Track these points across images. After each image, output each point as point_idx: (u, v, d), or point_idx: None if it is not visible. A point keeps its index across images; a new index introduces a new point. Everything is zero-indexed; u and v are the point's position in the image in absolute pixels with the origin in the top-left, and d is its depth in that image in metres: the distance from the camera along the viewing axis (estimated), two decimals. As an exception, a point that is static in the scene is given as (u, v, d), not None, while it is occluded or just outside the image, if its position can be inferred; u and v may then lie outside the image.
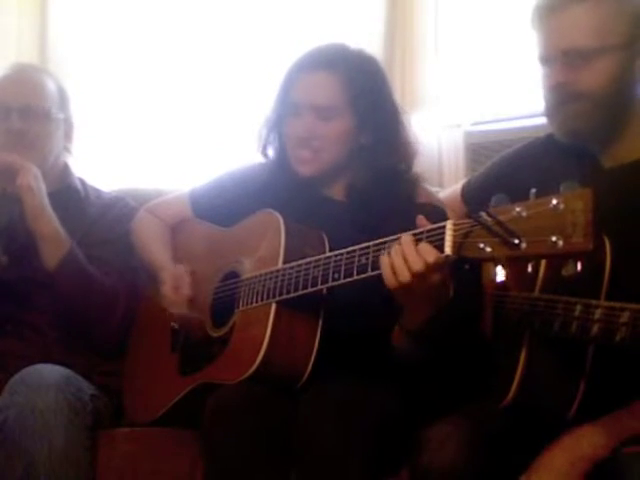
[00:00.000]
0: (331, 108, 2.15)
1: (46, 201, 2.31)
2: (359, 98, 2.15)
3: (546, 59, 1.97)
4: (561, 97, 1.94)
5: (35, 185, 2.29)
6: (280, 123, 2.23)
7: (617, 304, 1.66)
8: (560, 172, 1.79)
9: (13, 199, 2.33)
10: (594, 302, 1.68)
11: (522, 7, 2.95)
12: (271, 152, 2.29)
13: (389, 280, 1.71)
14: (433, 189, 2.53)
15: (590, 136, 1.96)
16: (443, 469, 1.72)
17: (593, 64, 1.91)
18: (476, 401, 1.87)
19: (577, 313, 1.70)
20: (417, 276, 1.67)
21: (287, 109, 2.20)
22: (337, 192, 2.23)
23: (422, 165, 2.30)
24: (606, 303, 1.68)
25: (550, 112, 1.99)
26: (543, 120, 2.06)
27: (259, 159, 2.35)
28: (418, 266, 1.66)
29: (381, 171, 2.17)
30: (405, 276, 1.68)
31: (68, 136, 2.51)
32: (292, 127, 2.19)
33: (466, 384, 1.93)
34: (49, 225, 2.30)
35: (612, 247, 1.75)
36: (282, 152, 2.25)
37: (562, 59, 1.92)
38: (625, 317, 1.63)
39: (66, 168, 2.52)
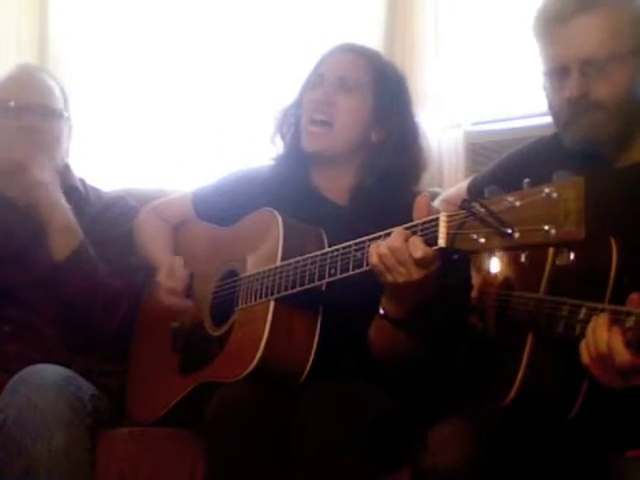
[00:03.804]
0: (355, 81, 2.19)
1: (60, 193, 2.32)
2: (383, 86, 2.20)
3: (558, 71, 1.92)
4: (577, 109, 1.90)
5: (49, 178, 2.30)
6: (302, 100, 2.24)
7: (623, 308, 1.62)
8: (569, 169, 1.77)
9: (9, 201, 2.35)
10: (600, 305, 1.65)
11: (522, 7, 2.96)
12: (281, 144, 2.30)
13: (377, 269, 1.73)
14: (433, 189, 2.53)
15: (604, 143, 1.94)
16: (445, 469, 1.72)
17: (608, 74, 1.88)
18: (478, 401, 1.87)
19: (582, 316, 1.67)
20: (404, 268, 1.69)
21: (312, 81, 2.23)
22: (339, 195, 2.24)
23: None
24: (612, 307, 1.64)
25: (564, 124, 1.95)
26: (543, 120, 2.05)
27: (261, 160, 2.36)
28: (404, 259, 1.67)
29: (387, 173, 2.18)
30: (391, 269, 1.70)
31: (68, 136, 2.52)
32: (312, 94, 2.21)
33: (467, 383, 1.93)
34: (64, 216, 2.30)
35: (619, 247, 1.72)
36: (296, 132, 2.25)
37: (578, 70, 1.88)
38: (631, 321, 1.58)
39: (67, 168, 2.52)
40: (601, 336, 1.58)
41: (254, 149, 2.92)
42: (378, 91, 2.20)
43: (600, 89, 1.89)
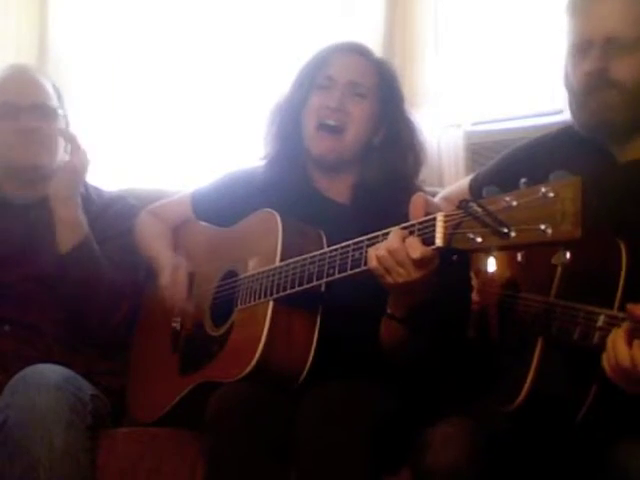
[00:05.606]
0: (366, 87, 2.20)
1: (77, 190, 2.36)
2: (386, 89, 2.22)
3: (583, 45, 1.91)
4: (594, 83, 1.89)
5: (81, 170, 2.36)
6: (303, 101, 2.23)
7: None
8: (574, 166, 1.76)
9: (5, 200, 2.37)
10: (620, 314, 1.62)
11: (522, 7, 2.96)
12: (276, 144, 2.30)
13: (376, 272, 1.73)
14: (433, 189, 2.53)
15: (615, 128, 1.92)
16: (446, 470, 1.72)
17: (631, 55, 1.87)
18: (479, 402, 1.86)
19: (600, 323, 1.64)
20: (403, 269, 1.69)
21: (318, 83, 2.22)
22: (340, 194, 2.24)
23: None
24: (633, 315, 1.59)
25: (580, 100, 1.94)
26: (543, 120, 2.04)
27: (260, 161, 2.35)
28: (403, 260, 1.68)
29: (388, 173, 2.19)
30: (391, 270, 1.70)
31: None
32: (323, 98, 2.21)
33: (469, 384, 1.92)
34: (71, 211, 2.31)
35: (628, 250, 1.70)
36: (294, 131, 2.24)
37: (602, 46, 1.88)
38: None
39: (66, 167, 2.53)
40: (622, 350, 1.56)
41: (253, 149, 2.91)
42: (382, 95, 2.21)
43: (619, 68, 1.88)
